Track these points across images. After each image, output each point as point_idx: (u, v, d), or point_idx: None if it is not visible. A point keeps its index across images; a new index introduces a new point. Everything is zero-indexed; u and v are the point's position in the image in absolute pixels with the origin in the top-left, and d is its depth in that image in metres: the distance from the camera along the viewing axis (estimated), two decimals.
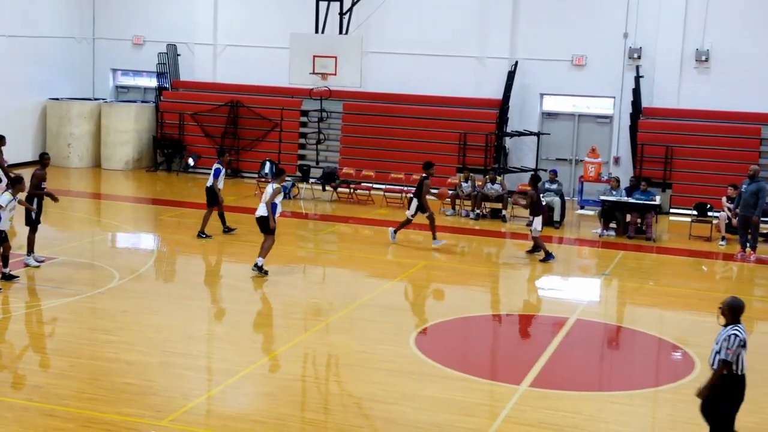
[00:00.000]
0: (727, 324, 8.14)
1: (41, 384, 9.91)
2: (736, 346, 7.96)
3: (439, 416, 9.42)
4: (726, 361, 7.99)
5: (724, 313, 8.18)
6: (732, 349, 7.96)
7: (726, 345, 7.99)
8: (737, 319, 8.13)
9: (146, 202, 22.57)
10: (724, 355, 7.97)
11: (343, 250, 18.19)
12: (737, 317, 8.13)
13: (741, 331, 8.04)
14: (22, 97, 25.77)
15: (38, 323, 12.36)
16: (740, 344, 7.99)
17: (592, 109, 24.41)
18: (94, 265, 15.33)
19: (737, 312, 8.14)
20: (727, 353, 7.97)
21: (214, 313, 13.29)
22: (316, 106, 24.39)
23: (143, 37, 27.63)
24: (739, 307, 8.15)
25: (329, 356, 11.46)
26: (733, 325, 8.10)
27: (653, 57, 23.13)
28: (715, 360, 8.10)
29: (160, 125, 26.50)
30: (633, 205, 19.19)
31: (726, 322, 8.15)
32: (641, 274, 16.74)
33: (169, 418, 9.11)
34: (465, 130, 23.61)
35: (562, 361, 11.50)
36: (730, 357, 7.97)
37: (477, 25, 24.46)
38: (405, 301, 13.81)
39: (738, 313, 8.14)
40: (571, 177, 23.94)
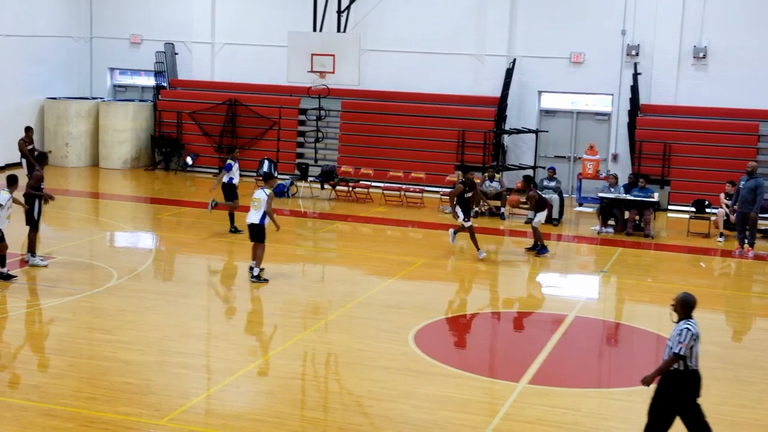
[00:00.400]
0: (680, 320, 8.23)
1: (40, 383, 9.91)
2: (688, 339, 8.03)
3: (438, 414, 9.42)
4: (678, 354, 8.04)
5: (677, 309, 8.26)
6: (684, 343, 8.02)
7: (679, 339, 8.07)
8: (689, 315, 8.22)
9: (144, 201, 22.56)
10: (677, 349, 8.04)
11: (342, 248, 18.19)
12: (689, 312, 8.22)
13: (693, 326, 8.12)
14: (19, 96, 25.76)
15: (37, 323, 12.35)
16: (693, 338, 8.07)
17: (590, 107, 24.42)
18: (92, 265, 15.33)
19: (689, 307, 8.23)
20: (680, 347, 8.04)
21: (213, 312, 13.29)
22: (314, 104, 24.38)
23: (141, 36, 27.61)
24: (691, 302, 8.24)
25: (328, 354, 11.46)
26: (686, 320, 8.18)
27: (651, 54, 23.14)
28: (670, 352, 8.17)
29: (158, 124, 26.48)
30: (631, 202, 19.20)
31: (679, 317, 8.24)
32: (640, 270, 16.74)
33: (168, 417, 9.11)
34: (463, 127, 23.61)
35: (561, 358, 11.50)
36: (683, 351, 8.04)
37: (475, 23, 24.46)
38: (404, 299, 13.80)
39: (690, 308, 8.23)
40: (569, 174, 23.95)
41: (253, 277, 14.35)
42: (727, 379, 10.82)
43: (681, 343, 8.02)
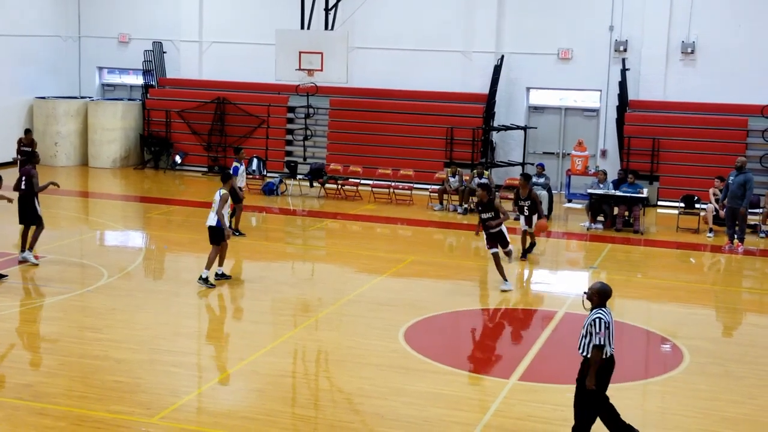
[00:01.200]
0: (593, 308, 8.33)
1: (31, 382, 9.88)
2: (603, 328, 8.16)
3: (429, 410, 9.44)
4: (599, 345, 8.17)
5: (591, 297, 8.36)
6: (601, 333, 8.16)
7: (593, 330, 8.18)
8: (603, 303, 8.33)
9: (134, 200, 22.50)
10: (597, 340, 8.16)
11: (331, 246, 18.19)
12: (603, 302, 8.33)
13: (605, 314, 8.24)
14: (8, 96, 25.64)
15: (27, 322, 12.30)
16: (605, 326, 8.19)
17: (578, 103, 24.48)
18: (82, 264, 15.29)
19: (604, 297, 8.33)
20: (598, 337, 8.16)
21: (203, 310, 13.27)
22: (302, 102, 24.36)
23: (129, 35, 27.52)
24: (606, 292, 8.35)
25: (318, 352, 11.47)
26: (598, 308, 8.29)
27: (639, 50, 23.21)
28: (584, 346, 8.26)
29: (147, 123, 26.41)
30: (620, 197, 19.26)
31: (592, 306, 8.35)
32: (629, 266, 16.81)
33: (159, 416, 9.10)
34: (452, 124, 23.63)
35: (551, 354, 11.54)
36: (601, 340, 8.16)
37: (462, 20, 24.47)
38: (393, 297, 13.81)
39: (605, 297, 8.34)
40: (558, 170, 24.01)
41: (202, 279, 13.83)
42: (718, 374, 10.87)
43: (598, 333, 8.15)
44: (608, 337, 8.21)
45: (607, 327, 8.19)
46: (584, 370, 8.34)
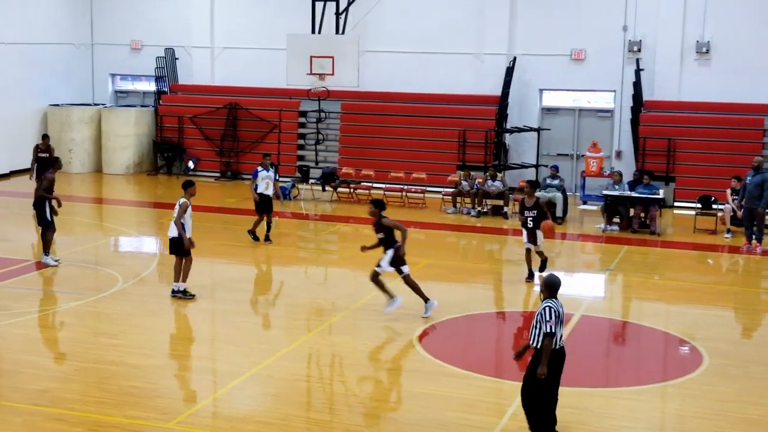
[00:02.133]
0: (544, 300, 8.53)
1: (48, 388, 9.88)
2: (552, 316, 8.32)
3: (445, 414, 9.38)
4: (549, 333, 8.33)
5: (542, 290, 8.64)
6: (551, 321, 8.32)
7: (543, 318, 8.36)
8: (553, 295, 8.53)
9: (148, 205, 22.53)
10: (547, 328, 8.33)
11: (344, 250, 18.14)
12: (553, 293, 8.53)
13: (554, 304, 8.41)
14: (22, 103, 25.76)
15: (43, 328, 12.32)
16: (555, 315, 8.35)
17: (592, 104, 24.36)
18: (97, 269, 15.31)
19: (552, 288, 8.54)
20: (548, 325, 8.32)
21: (218, 315, 13.24)
22: (314, 106, 24.35)
23: (141, 42, 27.61)
24: (554, 283, 8.56)
25: (333, 356, 11.42)
26: (548, 299, 8.47)
27: (653, 49, 23.08)
28: (534, 336, 8.44)
29: (160, 129, 26.48)
30: (636, 199, 19.13)
31: (543, 297, 8.57)
32: (646, 268, 16.68)
33: (175, 421, 9.08)
34: (464, 127, 23.56)
35: (568, 357, 11.36)
36: (551, 328, 8.33)
37: (474, 21, 24.41)
38: (407, 300, 13.74)
39: (553, 288, 8.54)
40: (572, 172, 23.90)
41: (176, 292, 13.34)
42: (737, 376, 10.76)
43: (548, 321, 8.32)
44: (558, 327, 8.36)
45: (557, 316, 8.35)
46: (534, 361, 8.51)
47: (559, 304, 8.49)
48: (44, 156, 20.37)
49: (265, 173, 17.05)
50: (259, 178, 16.99)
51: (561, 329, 8.44)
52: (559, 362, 8.52)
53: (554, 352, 8.41)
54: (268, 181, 17.01)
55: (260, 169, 17.11)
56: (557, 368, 8.53)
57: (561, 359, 8.54)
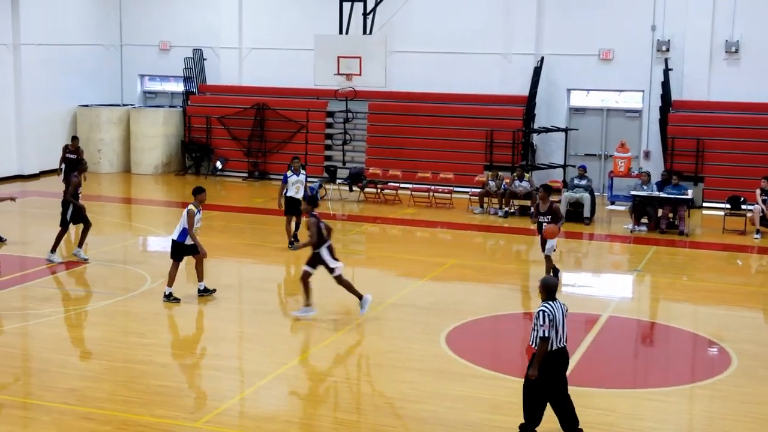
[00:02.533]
0: (542, 301, 8.54)
1: (77, 387, 9.99)
2: (546, 321, 8.33)
3: (471, 415, 9.37)
4: (543, 337, 8.35)
5: (540, 292, 8.63)
6: (545, 325, 8.33)
7: (538, 323, 8.38)
8: (551, 296, 8.52)
9: (176, 205, 22.64)
10: (542, 332, 8.36)
11: (372, 250, 18.17)
12: (550, 295, 8.53)
13: (549, 307, 8.40)
14: (52, 104, 26.06)
15: (73, 327, 12.45)
16: (548, 318, 8.34)
17: (620, 104, 24.19)
18: (126, 269, 15.46)
19: (549, 290, 8.55)
20: (543, 330, 8.34)
21: (245, 315, 13.32)
22: (341, 106, 24.40)
23: (169, 43, 27.82)
24: (550, 284, 8.60)
25: (360, 356, 11.45)
26: (545, 302, 8.47)
27: (682, 49, 22.89)
28: (533, 338, 8.49)
29: (188, 129, 26.66)
30: (665, 199, 18.99)
31: (541, 299, 8.58)
32: (674, 269, 16.55)
33: (203, 420, 9.15)
34: (492, 127, 23.50)
35: (596, 358, 11.39)
36: (545, 333, 8.34)
37: (502, 21, 24.34)
38: (435, 301, 13.75)
39: (550, 290, 8.55)
40: (600, 172, 23.76)
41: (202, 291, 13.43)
42: (766, 378, 10.66)
43: (542, 326, 8.35)
44: (554, 330, 8.38)
45: (550, 320, 8.35)
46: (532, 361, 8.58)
47: (558, 305, 8.50)
48: (72, 157, 20.51)
49: (295, 177, 16.77)
50: (289, 182, 16.74)
51: (561, 330, 8.45)
52: (561, 363, 8.56)
53: (554, 353, 8.44)
54: (298, 185, 16.74)
55: (290, 174, 16.84)
56: (560, 369, 8.56)
57: (563, 359, 8.58)
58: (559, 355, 8.53)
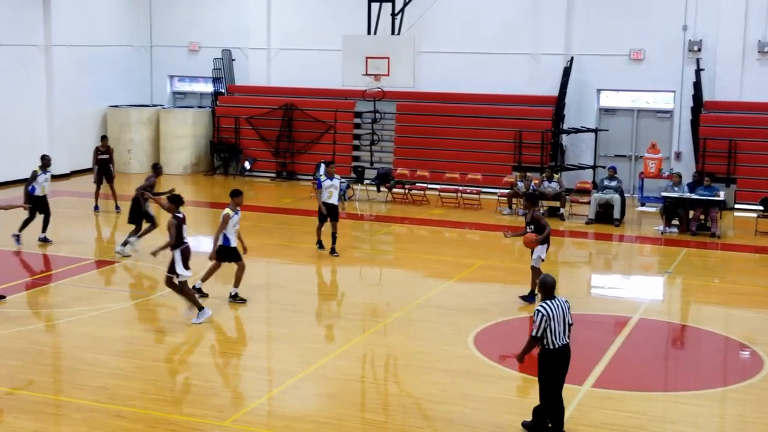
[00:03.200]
0: (542, 300, 8.62)
1: (108, 385, 10.06)
2: (540, 321, 8.39)
3: (500, 417, 9.32)
4: (534, 337, 8.46)
5: (538, 291, 8.80)
6: (537, 325, 8.41)
7: (534, 321, 8.48)
8: (550, 295, 8.57)
9: (204, 205, 22.80)
10: (533, 332, 8.46)
11: (399, 250, 18.14)
12: (549, 293, 8.58)
13: (546, 306, 8.44)
14: (83, 104, 26.31)
15: (104, 326, 12.53)
16: (544, 319, 8.40)
17: (651, 104, 23.99)
18: (155, 268, 15.54)
19: (547, 288, 8.61)
20: (534, 330, 8.45)
21: (273, 315, 13.35)
22: (369, 107, 24.41)
23: (199, 44, 27.99)
24: (548, 283, 8.63)
25: (388, 357, 11.43)
26: (543, 301, 8.54)
27: (714, 49, 22.64)
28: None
29: (217, 130, 26.80)
30: (696, 201, 18.78)
31: (541, 298, 8.67)
32: (706, 271, 16.36)
33: (231, 419, 9.18)
34: (520, 128, 23.39)
35: (626, 360, 11.29)
36: (535, 333, 8.43)
37: (531, 21, 24.22)
38: (462, 301, 13.70)
39: (548, 289, 8.60)
40: (630, 173, 23.57)
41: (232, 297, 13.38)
42: None
43: (535, 324, 8.45)
44: (550, 329, 8.42)
45: (546, 320, 8.40)
46: (539, 358, 8.64)
47: (558, 304, 8.55)
48: (104, 157, 20.63)
49: (329, 182, 16.39)
50: (323, 187, 16.43)
51: (562, 328, 8.52)
52: (562, 360, 8.60)
53: (554, 351, 8.51)
54: (332, 190, 16.38)
55: (323, 179, 16.54)
56: (561, 366, 8.62)
57: (564, 357, 8.62)
58: (562, 353, 8.57)
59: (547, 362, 8.55)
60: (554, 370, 8.58)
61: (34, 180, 16.87)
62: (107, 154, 20.69)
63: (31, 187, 16.80)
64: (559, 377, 8.66)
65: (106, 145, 21.14)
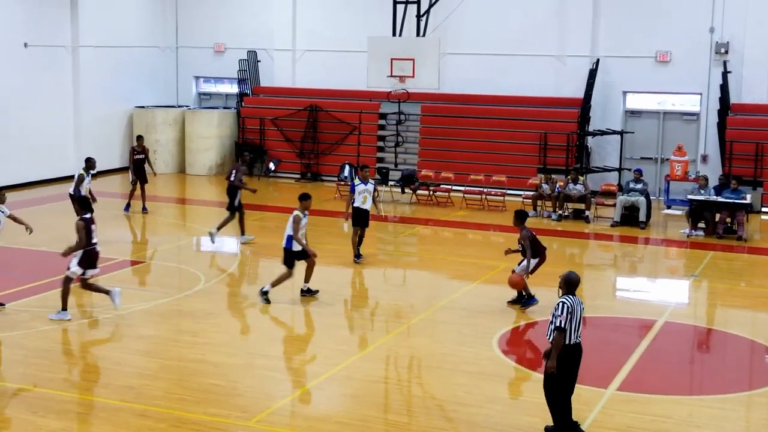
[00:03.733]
0: (562, 295, 8.65)
1: (133, 385, 10.14)
2: (565, 312, 8.43)
3: (524, 419, 9.30)
4: (559, 327, 8.42)
5: (561, 286, 8.72)
6: (563, 316, 8.42)
7: (556, 313, 8.48)
8: (572, 291, 8.64)
9: None
10: (558, 323, 8.44)
11: (424, 252, 18.13)
12: (571, 290, 8.64)
13: (569, 300, 8.51)
14: (110, 105, 26.53)
15: (129, 326, 12.63)
16: (568, 311, 8.44)
17: (677, 107, 23.80)
18: (180, 269, 15.65)
19: (571, 285, 8.66)
20: (559, 320, 8.43)
21: (297, 316, 13.39)
22: (394, 108, 24.41)
23: (224, 45, 28.13)
24: (572, 280, 8.68)
25: (412, 359, 11.43)
26: (565, 295, 8.59)
27: (741, 51, 22.43)
28: (550, 331, 8.58)
29: (242, 131, 26.93)
30: (722, 204, 18.62)
31: (561, 293, 8.69)
32: (732, 275, 16.22)
33: (255, 419, 9.22)
34: (545, 130, 23.30)
35: (651, 364, 11.22)
36: (562, 324, 8.42)
37: (556, 23, 24.13)
38: (486, 303, 13.67)
39: (571, 286, 8.66)
40: (656, 176, 23.40)
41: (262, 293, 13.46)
42: None
43: (559, 316, 8.43)
44: (571, 323, 8.45)
45: (570, 312, 8.43)
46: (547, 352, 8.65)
47: (577, 301, 8.60)
48: (140, 157, 20.42)
49: (363, 186, 16.09)
50: (356, 192, 16.10)
51: (577, 325, 8.54)
52: (575, 357, 8.61)
53: (569, 347, 8.51)
54: (366, 194, 16.05)
55: (357, 183, 16.23)
56: (573, 363, 8.62)
57: (576, 355, 8.63)
58: (575, 350, 8.60)
59: (563, 358, 8.54)
60: (568, 366, 8.58)
61: (81, 183, 16.99)
62: (142, 154, 20.50)
63: (77, 189, 16.92)
64: (571, 375, 8.65)
65: (142, 145, 20.87)
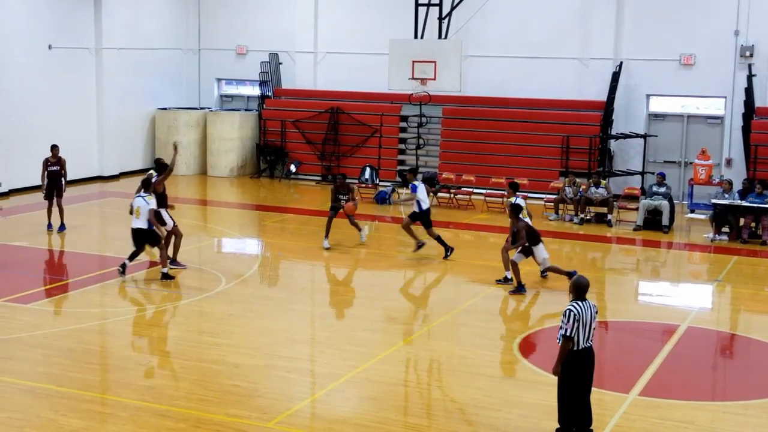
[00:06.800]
0: (572, 301, 8.59)
1: (153, 385, 10.18)
2: (571, 320, 8.37)
3: (545, 424, 9.23)
4: (566, 336, 8.39)
5: (570, 291, 8.68)
6: (569, 324, 8.37)
7: (563, 321, 8.43)
8: (581, 297, 8.56)
9: (250, 208, 22.99)
10: (564, 331, 8.40)
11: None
12: (580, 295, 8.57)
13: (576, 307, 8.44)
14: (132, 107, 26.70)
15: (150, 326, 12.70)
16: (574, 318, 8.38)
17: (701, 110, 23.61)
18: (201, 270, 15.70)
19: (579, 290, 8.59)
20: (566, 328, 8.39)
21: (317, 318, 13.39)
22: (415, 111, 24.39)
23: (246, 47, 28.23)
24: (581, 285, 8.61)
25: (431, 361, 11.39)
26: (573, 301, 8.53)
27: (766, 54, 22.21)
28: (559, 337, 8.52)
29: (263, 133, 27.00)
30: (747, 208, 18.44)
31: (571, 298, 8.63)
32: (757, 280, 16.04)
33: (275, 420, 9.22)
34: (568, 133, 23.19)
35: (673, 369, 11.11)
36: (569, 332, 8.38)
37: (579, 26, 24.01)
38: (507, 307, 13.61)
39: (580, 290, 8.58)
40: (680, 180, 23.22)
41: None
42: None
43: (566, 324, 8.39)
44: (579, 329, 8.40)
45: (577, 320, 8.38)
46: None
47: (587, 306, 8.53)
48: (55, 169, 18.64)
49: (422, 187, 16.52)
50: (419, 191, 16.44)
51: (586, 331, 8.47)
52: (586, 363, 8.56)
53: (578, 352, 8.47)
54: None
55: (417, 183, 16.62)
56: (585, 369, 8.56)
57: (587, 360, 8.57)
58: (584, 355, 8.54)
59: (571, 364, 8.50)
60: (579, 372, 8.53)
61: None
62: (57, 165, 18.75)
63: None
64: (585, 380, 8.60)
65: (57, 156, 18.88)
